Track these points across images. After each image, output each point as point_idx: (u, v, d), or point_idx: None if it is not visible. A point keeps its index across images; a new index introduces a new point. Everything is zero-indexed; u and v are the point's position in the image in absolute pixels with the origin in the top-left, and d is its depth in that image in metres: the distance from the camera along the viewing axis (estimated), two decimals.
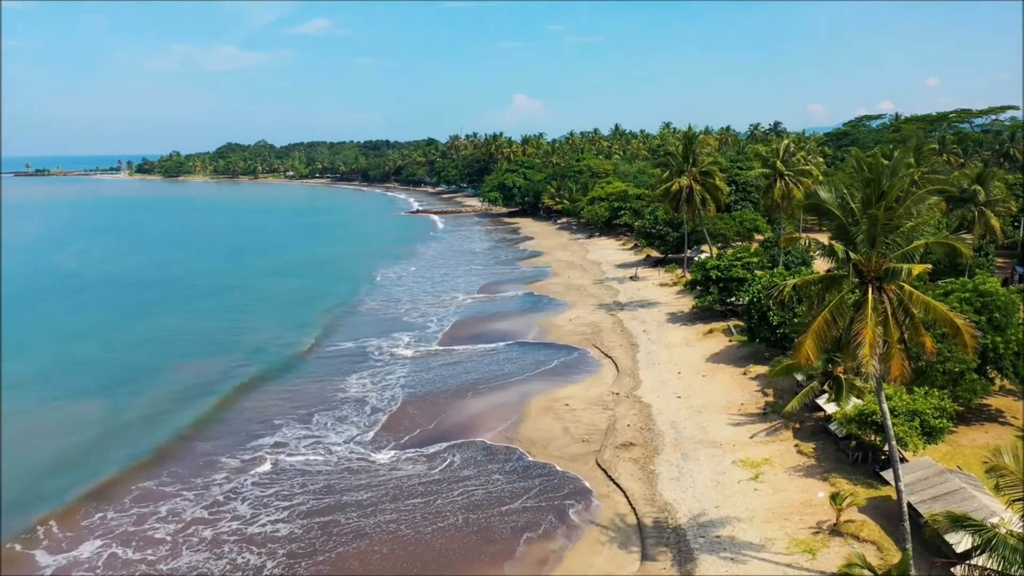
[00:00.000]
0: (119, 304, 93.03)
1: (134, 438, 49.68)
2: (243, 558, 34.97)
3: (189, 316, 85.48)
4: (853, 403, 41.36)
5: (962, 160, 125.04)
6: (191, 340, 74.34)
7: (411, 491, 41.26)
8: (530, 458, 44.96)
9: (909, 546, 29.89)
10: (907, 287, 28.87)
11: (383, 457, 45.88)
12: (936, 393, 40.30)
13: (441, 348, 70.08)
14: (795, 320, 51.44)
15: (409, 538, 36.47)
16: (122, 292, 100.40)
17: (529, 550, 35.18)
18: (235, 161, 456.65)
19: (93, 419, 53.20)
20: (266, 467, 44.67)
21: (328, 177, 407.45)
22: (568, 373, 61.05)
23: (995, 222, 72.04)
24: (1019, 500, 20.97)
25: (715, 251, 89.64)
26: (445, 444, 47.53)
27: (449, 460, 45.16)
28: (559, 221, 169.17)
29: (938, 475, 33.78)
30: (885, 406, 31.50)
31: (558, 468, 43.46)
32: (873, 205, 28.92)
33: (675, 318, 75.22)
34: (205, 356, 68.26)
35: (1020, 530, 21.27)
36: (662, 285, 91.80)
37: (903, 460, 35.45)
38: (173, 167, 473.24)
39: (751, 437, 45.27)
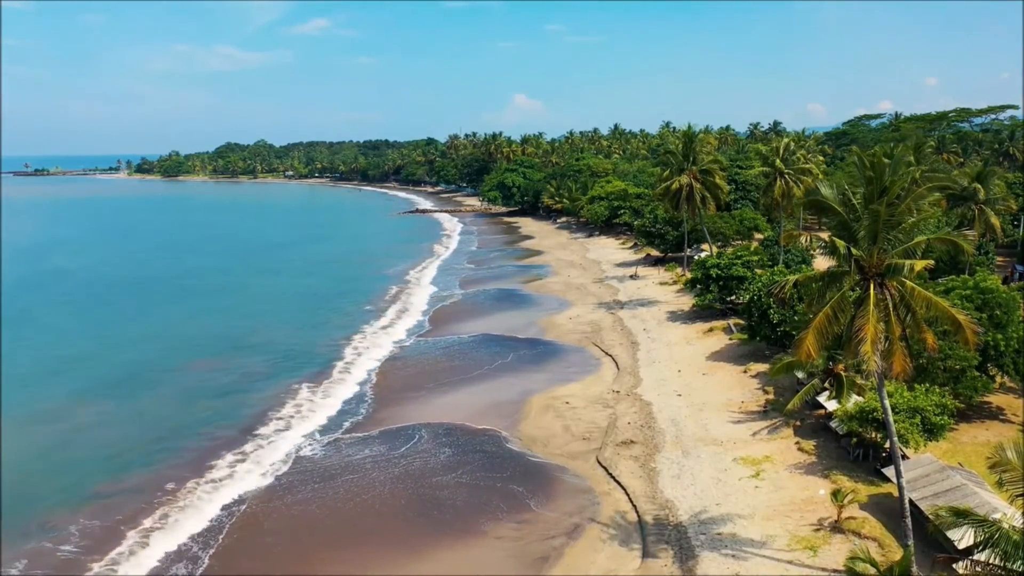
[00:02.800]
0: (118, 305, 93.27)
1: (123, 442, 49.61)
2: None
3: (190, 317, 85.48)
4: (854, 400, 41.33)
5: (961, 159, 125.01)
6: (186, 341, 74.28)
7: (401, 495, 41.15)
8: (523, 450, 44.97)
9: (911, 542, 29.87)
10: (909, 283, 28.84)
11: (376, 458, 45.80)
12: (937, 390, 40.25)
13: (436, 339, 70.48)
14: (795, 318, 51.47)
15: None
16: (112, 292, 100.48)
17: (530, 548, 35.12)
18: (234, 161, 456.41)
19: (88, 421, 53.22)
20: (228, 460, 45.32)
21: (327, 177, 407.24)
22: (568, 371, 60.99)
23: (995, 220, 72.03)
24: (1021, 495, 20.94)
25: (715, 250, 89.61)
26: (445, 440, 47.53)
27: (448, 455, 45.14)
28: (559, 220, 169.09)
29: (939, 472, 33.76)
30: (887, 403, 31.48)
31: (560, 466, 43.44)
32: (875, 201, 28.89)
33: (675, 316, 75.17)
34: (192, 358, 68.20)
35: (1022, 525, 21.24)
36: (662, 284, 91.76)
37: (904, 457, 35.40)
38: (172, 167, 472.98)
39: (752, 435, 45.22)
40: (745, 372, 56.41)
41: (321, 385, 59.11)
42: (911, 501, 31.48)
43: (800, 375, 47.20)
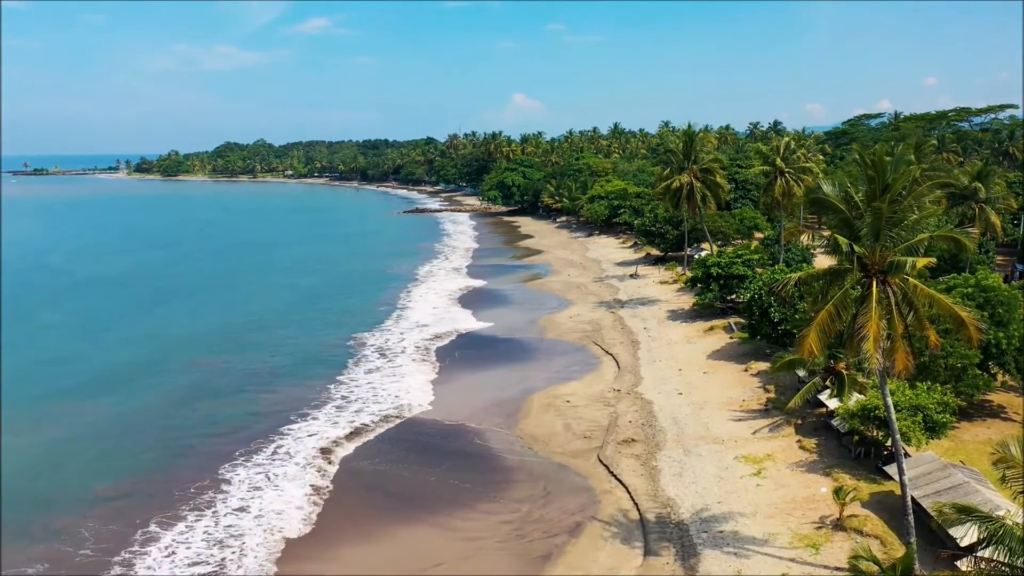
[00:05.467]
0: (121, 304, 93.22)
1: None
2: None
3: (193, 316, 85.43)
4: (855, 398, 41.31)
5: (961, 159, 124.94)
6: (190, 340, 74.25)
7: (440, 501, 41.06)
8: (524, 449, 44.92)
9: (913, 540, 29.84)
10: (911, 280, 28.83)
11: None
12: (939, 388, 40.23)
13: (436, 338, 70.15)
14: (796, 316, 51.42)
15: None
16: (115, 292, 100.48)
17: (532, 546, 35.07)
18: (234, 160, 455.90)
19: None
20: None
21: (327, 176, 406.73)
22: (569, 370, 60.95)
23: (995, 219, 71.98)
24: None
25: (715, 248, 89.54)
26: (445, 437, 47.48)
27: (446, 453, 45.11)
28: (558, 220, 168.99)
29: (941, 470, 33.74)
30: (889, 400, 31.46)
31: (562, 464, 43.37)
32: (877, 199, 28.85)
33: (675, 315, 75.12)
34: (197, 357, 68.07)
35: None
36: (662, 283, 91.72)
37: (906, 455, 35.37)
38: (172, 166, 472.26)
39: (753, 433, 45.18)
40: (746, 370, 56.37)
41: (338, 384, 58.55)
42: (913, 499, 31.44)
43: (801, 373, 47.17)
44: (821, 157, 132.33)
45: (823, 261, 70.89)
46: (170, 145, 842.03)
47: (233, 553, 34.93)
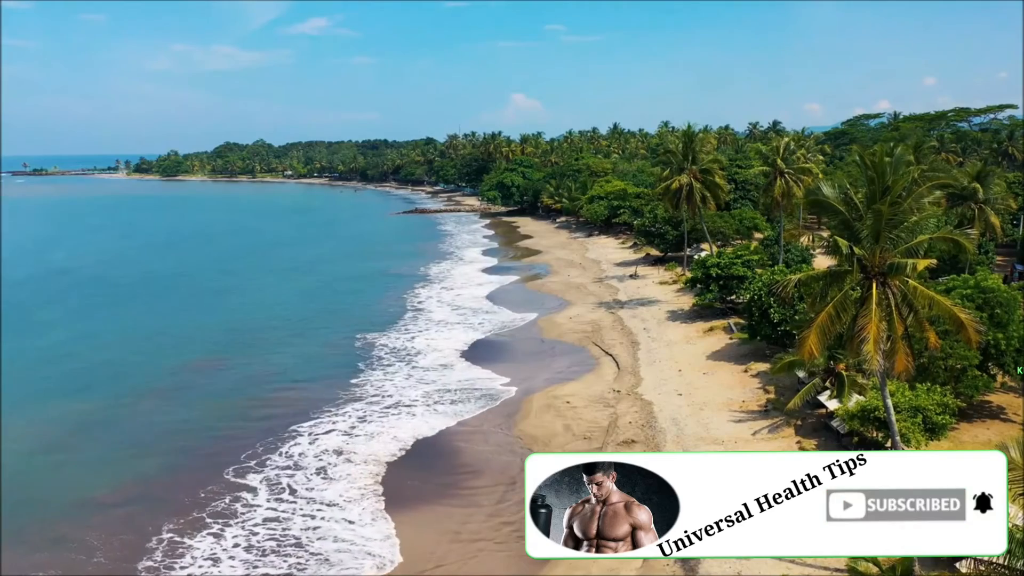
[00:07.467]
0: (122, 304, 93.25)
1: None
2: None
3: (196, 316, 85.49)
4: (855, 399, 41.36)
5: (961, 159, 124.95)
6: (194, 341, 74.33)
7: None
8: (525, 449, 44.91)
9: None
10: (911, 282, 28.90)
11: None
12: (938, 389, 40.27)
13: (433, 340, 70.16)
14: (796, 317, 51.48)
15: None
16: (115, 292, 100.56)
17: None
18: (233, 160, 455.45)
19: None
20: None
21: (326, 177, 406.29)
22: (568, 370, 61.04)
23: (995, 219, 71.95)
24: None
25: (715, 249, 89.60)
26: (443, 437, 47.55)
27: (441, 454, 45.18)
28: (558, 220, 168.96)
29: None
30: (889, 401, 31.53)
31: None
32: (877, 200, 28.94)
33: (675, 316, 75.16)
34: (201, 358, 68.16)
35: None
36: (662, 283, 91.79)
37: None
38: (171, 167, 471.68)
39: (753, 434, 45.24)
40: (746, 371, 56.42)
41: (357, 386, 58.03)
42: None
43: (801, 374, 47.21)
44: (821, 157, 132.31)
45: (823, 262, 71.04)
46: (169, 145, 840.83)
47: (304, 559, 34.39)
